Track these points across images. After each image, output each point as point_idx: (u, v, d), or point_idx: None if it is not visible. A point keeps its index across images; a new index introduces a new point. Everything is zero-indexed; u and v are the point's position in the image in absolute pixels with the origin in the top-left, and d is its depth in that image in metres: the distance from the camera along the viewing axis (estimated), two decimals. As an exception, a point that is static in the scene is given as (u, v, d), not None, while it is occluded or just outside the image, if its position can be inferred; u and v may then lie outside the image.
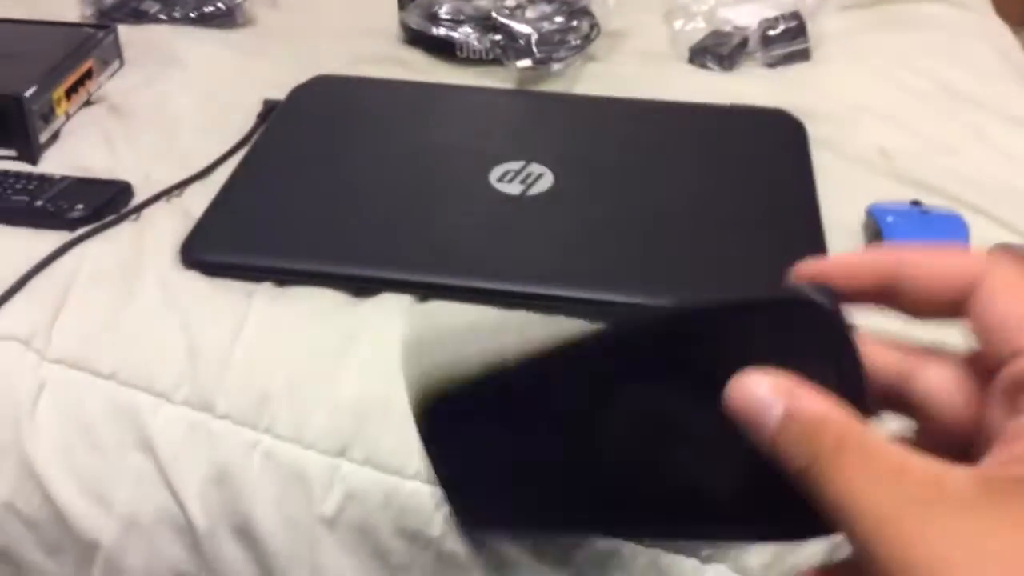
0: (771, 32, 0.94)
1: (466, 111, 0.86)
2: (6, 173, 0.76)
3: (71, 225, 0.71)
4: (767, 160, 0.78)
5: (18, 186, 0.74)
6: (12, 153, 0.80)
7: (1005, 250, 0.28)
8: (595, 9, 0.97)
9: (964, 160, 0.79)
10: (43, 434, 0.61)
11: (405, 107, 0.86)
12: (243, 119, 0.85)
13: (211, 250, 0.69)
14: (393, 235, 0.70)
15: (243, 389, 0.60)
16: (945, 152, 0.80)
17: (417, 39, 0.96)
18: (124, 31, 0.94)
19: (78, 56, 0.87)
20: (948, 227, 0.68)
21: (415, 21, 0.95)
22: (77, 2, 1.01)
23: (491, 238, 0.70)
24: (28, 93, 0.79)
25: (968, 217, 0.70)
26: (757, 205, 0.73)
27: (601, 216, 0.72)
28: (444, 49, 0.95)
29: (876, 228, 0.69)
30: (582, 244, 0.69)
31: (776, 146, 0.80)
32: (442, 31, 0.94)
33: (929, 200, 0.73)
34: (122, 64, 0.94)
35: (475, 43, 0.93)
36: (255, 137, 0.82)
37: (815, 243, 0.69)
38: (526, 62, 0.91)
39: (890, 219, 0.69)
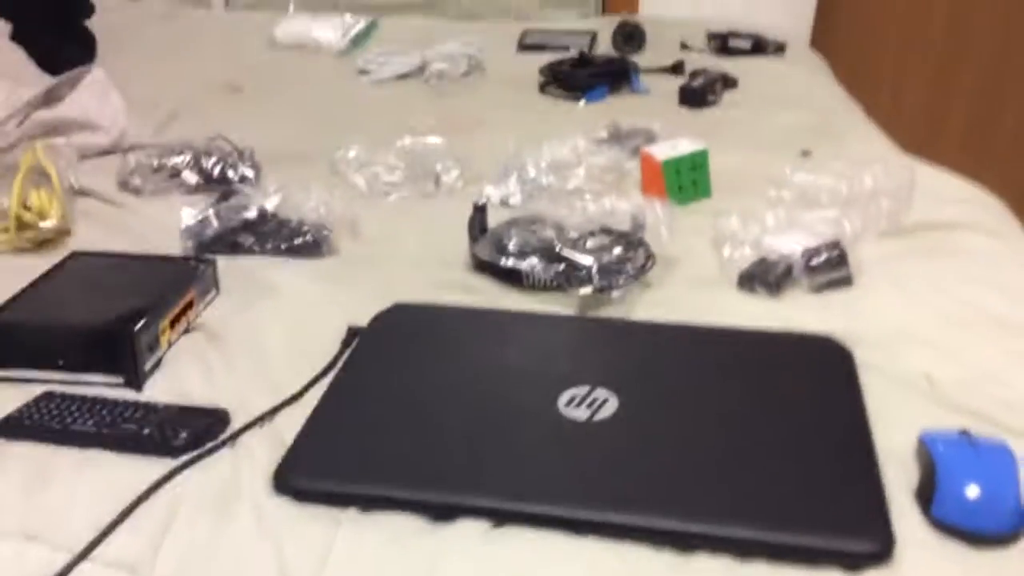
0: (814, 260, 1.00)
1: (535, 337, 0.92)
2: (116, 402, 0.83)
3: (174, 452, 0.77)
4: (819, 387, 0.83)
5: (127, 414, 0.81)
6: (120, 380, 0.88)
7: None
8: (650, 239, 1.05)
9: (1008, 387, 0.83)
10: (143, 659, 0.65)
11: (478, 334, 0.93)
12: (329, 344, 0.93)
13: (300, 478, 0.75)
14: (469, 461, 0.75)
15: (331, 617, 0.64)
16: (989, 379, 0.84)
17: (486, 268, 1.05)
18: (221, 262, 1.04)
19: (181, 288, 0.96)
20: (997, 458, 0.72)
21: (485, 253, 1.04)
22: (179, 236, 1.11)
23: (561, 465, 0.75)
24: (138, 327, 0.88)
25: (1015, 444, 0.73)
26: (812, 432, 0.77)
27: (663, 444, 0.76)
28: (511, 277, 1.03)
29: (928, 457, 0.73)
30: (647, 472, 0.74)
31: (826, 373, 0.85)
32: (510, 262, 1.02)
33: (977, 427, 0.76)
34: (218, 293, 1.03)
35: (540, 273, 1.01)
36: (340, 363, 0.89)
37: (869, 471, 0.72)
38: (587, 290, 0.98)
39: (941, 449, 0.72)
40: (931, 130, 2.44)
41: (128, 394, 0.86)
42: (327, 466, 0.76)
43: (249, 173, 1.28)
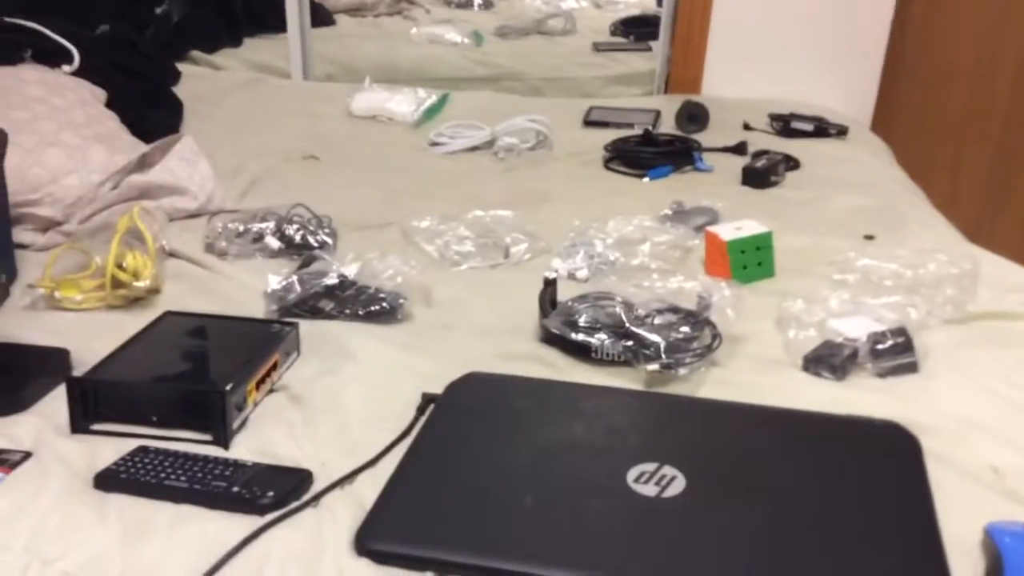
0: (880, 346, 1.02)
1: (605, 411, 0.95)
2: (207, 458, 0.87)
3: (261, 510, 0.81)
4: (886, 474, 0.84)
5: (216, 471, 0.86)
6: (208, 438, 0.92)
7: None
8: (716, 318, 1.08)
9: (1076, 481, 0.84)
10: None
11: (549, 405, 0.96)
12: (404, 409, 0.96)
13: (379, 541, 0.78)
14: (542, 533, 0.78)
15: None
16: (1056, 472, 0.85)
17: (555, 340, 1.08)
18: (303, 325, 1.09)
19: (267, 351, 1.01)
20: (1065, 552, 0.73)
21: (556, 326, 1.08)
22: (263, 299, 1.17)
23: (631, 540, 0.77)
24: (228, 387, 0.92)
25: (1085, 540, 0.74)
26: (879, 520, 0.78)
27: (730, 526, 0.78)
28: (580, 351, 1.06)
29: (995, 549, 0.74)
30: (714, 553, 0.75)
31: (893, 459, 0.86)
32: (580, 336, 1.05)
33: (1044, 520, 0.77)
34: (299, 355, 1.07)
35: (609, 348, 1.04)
36: (416, 429, 0.93)
37: (936, 561, 0.74)
38: (655, 366, 1.01)
39: (1007, 540, 0.74)
40: (992, 212, 2.45)
41: (216, 451, 0.91)
42: (405, 531, 0.79)
43: (327, 240, 1.34)
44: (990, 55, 2.32)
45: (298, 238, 1.33)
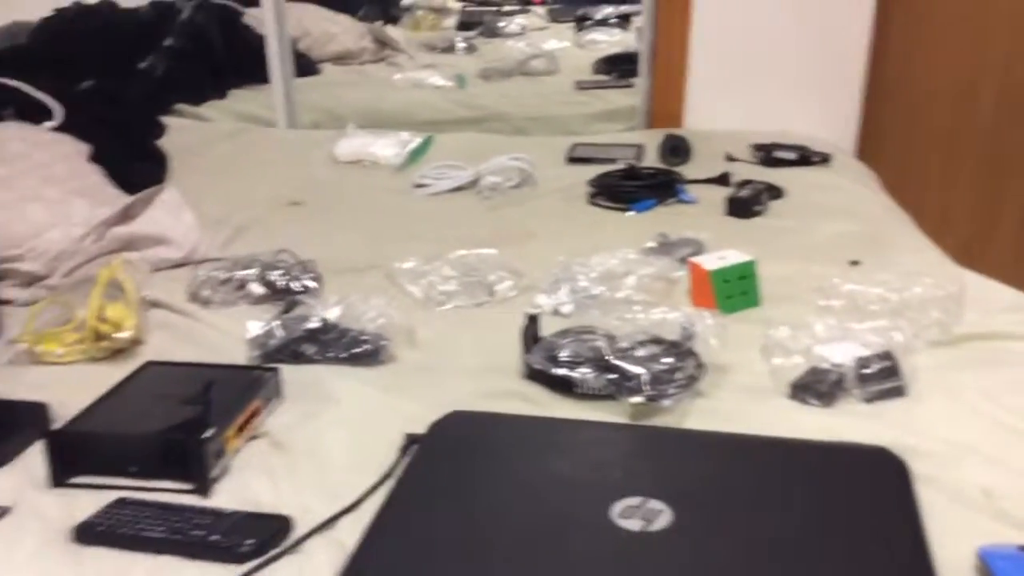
0: (866, 370, 1.01)
1: (588, 446, 0.94)
2: (185, 508, 0.86)
3: (240, 559, 0.80)
4: (875, 500, 0.83)
5: (195, 520, 0.84)
6: (188, 487, 0.91)
7: None
8: (700, 348, 1.07)
9: (1067, 500, 0.83)
10: None
11: (532, 442, 0.95)
12: (388, 451, 0.95)
13: (362, 586, 0.76)
14: (525, 572, 0.76)
15: None
16: (1047, 492, 0.84)
17: (538, 376, 1.08)
18: (285, 370, 1.08)
19: (248, 397, 1.00)
20: (1058, 573, 0.71)
21: (538, 362, 1.07)
22: (246, 345, 1.16)
23: (616, 577, 0.76)
24: (205, 436, 0.91)
25: (1077, 559, 0.73)
26: (869, 547, 0.77)
27: (717, 557, 0.77)
28: (563, 385, 1.05)
29: (988, 572, 0.72)
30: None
31: (882, 485, 0.85)
32: (562, 371, 1.05)
33: (1036, 541, 0.76)
34: (282, 400, 1.06)
35: (592, 381, 1.03)
36: (398, 471, 0.92)
37: (928, 586, 0.72)
38: (638, 399, 1.00)
39: (1001, 563, 0.72)
40: (984, 232, 2.45)
41: (197, 500, 0.89)
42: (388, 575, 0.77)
43: (311, 284, 1.34)
44: (970, 73, 2.33)
45: (282, 284, 1.33)
